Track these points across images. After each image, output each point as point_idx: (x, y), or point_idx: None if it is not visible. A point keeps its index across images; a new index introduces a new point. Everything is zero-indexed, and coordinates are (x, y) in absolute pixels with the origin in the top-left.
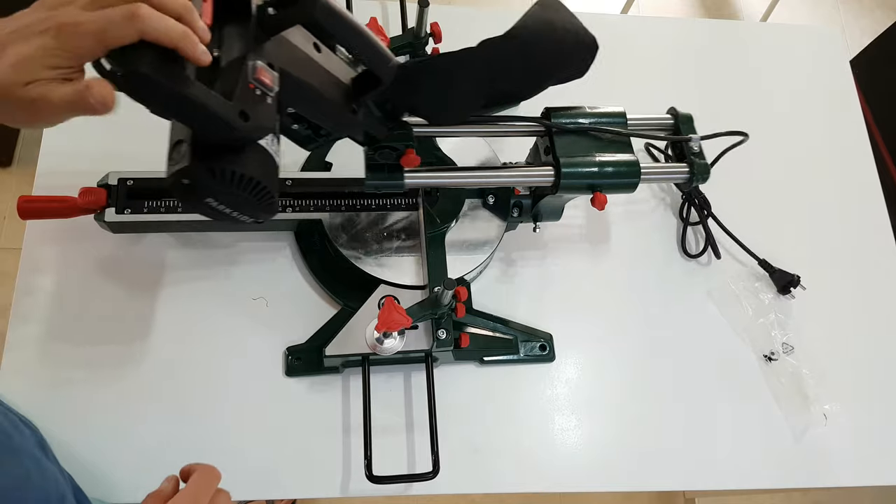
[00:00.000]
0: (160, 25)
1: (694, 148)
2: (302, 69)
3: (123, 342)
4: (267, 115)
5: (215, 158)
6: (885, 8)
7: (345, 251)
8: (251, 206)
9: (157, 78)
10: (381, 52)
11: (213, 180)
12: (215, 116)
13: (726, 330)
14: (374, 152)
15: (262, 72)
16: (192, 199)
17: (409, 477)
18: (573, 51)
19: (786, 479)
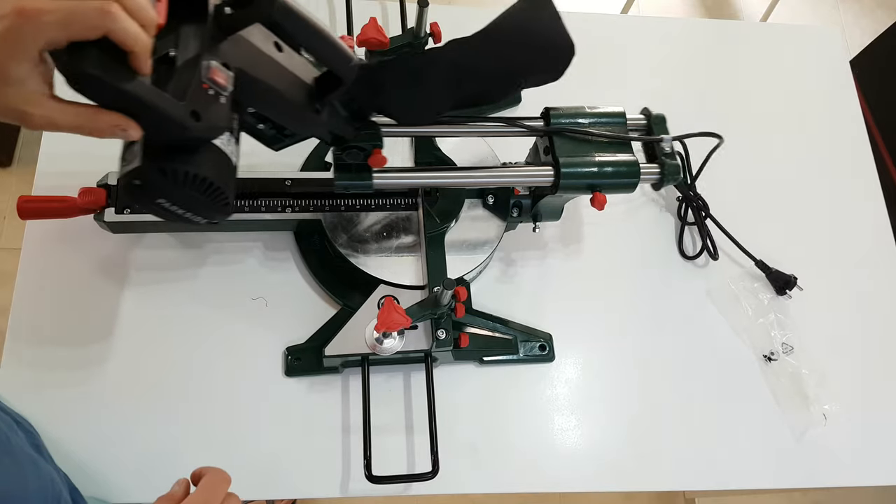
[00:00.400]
0: (129, 28)
1: (665, 148)
2: (260, 69)
3: (123, 342)
4: (220, 114)
5: (167, 159)
6: (885, 8)
7: (344, 251)
8: (205, 207)
9: (108, 79)
10: (342, 52)
11: (165, 181)
12: (165, 116)
13: (726, 330)
14: (341, 152)
15: (215, 71)
16: (143, 199)
17: (408, 477)
18: (547, 54)
19: (786, 480)
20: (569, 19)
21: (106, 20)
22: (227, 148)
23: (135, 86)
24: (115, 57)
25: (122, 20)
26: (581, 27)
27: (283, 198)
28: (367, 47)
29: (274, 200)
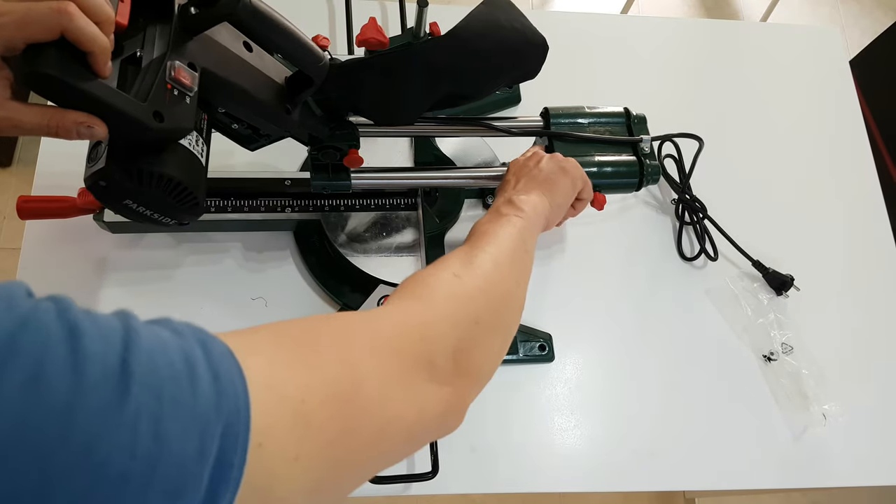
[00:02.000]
0: (86, 27)
1: (645, 149)
2: (228, 69)
3: None
4: (184, 115)
5: (132, 159)
6: (885, 8)
7: (344, 251)
8: (172, 208)
9: (66, 79)
10: (311, 51)
11: (130, 181)
12: (126, 117)
13: (725, 330)
14: (317, 152)
15: (180, 71)
16: (110, 200)
17: (408, 477)
18: (522, 51)
19: (786, 479)
20: (569, 19)
21: (62, 20)
22: (194, 148)
23: (93, 86)
24: (74, 57)
25: (79, 19)
26: (581, 27)
27: (282, 198)
28: (367, 47)
29: (273, 200)
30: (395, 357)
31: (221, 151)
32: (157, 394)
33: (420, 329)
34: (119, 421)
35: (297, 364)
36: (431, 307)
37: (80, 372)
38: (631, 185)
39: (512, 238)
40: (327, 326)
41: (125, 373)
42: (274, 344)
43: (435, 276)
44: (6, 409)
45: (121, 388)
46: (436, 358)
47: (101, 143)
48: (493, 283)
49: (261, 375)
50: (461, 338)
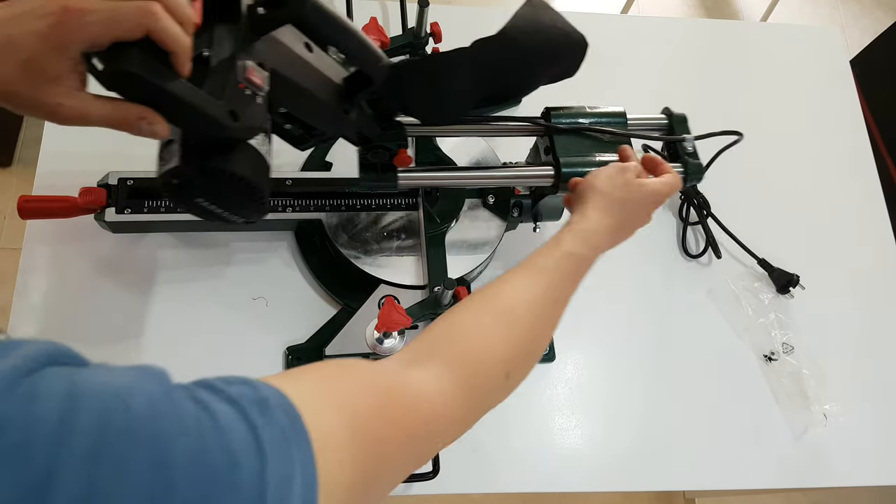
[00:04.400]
0: (170, 28)
1: (688, 148)
2: (292, 69)
3: (123, 342)
4: (257, 114)
5: (205, 158)
6: (885, 8)
7: (345, 251)
8: (242, 206)
9: (150, 78)
10: (373, 52)
11: (204, 180)
12: (205, 116)
13: (726, 330)
14: (367, 152)
15: (251, 71)
16: (182, 199)
17: (409, 477)
18: (563, 49)
19: (786, 479)
20: (569, 19)
21: (148, 20)
22: (261, 147)
23: (176, 85)
24: (157, 57)
25: (164, 20)
26: (581, 27)
27: (283, 198)
28: None
29: (274, 200)
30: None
31: None
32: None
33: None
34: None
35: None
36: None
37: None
38: None
39: (565, 285)
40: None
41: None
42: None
43: (466, 336)
44: None
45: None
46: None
47: (173, 142)
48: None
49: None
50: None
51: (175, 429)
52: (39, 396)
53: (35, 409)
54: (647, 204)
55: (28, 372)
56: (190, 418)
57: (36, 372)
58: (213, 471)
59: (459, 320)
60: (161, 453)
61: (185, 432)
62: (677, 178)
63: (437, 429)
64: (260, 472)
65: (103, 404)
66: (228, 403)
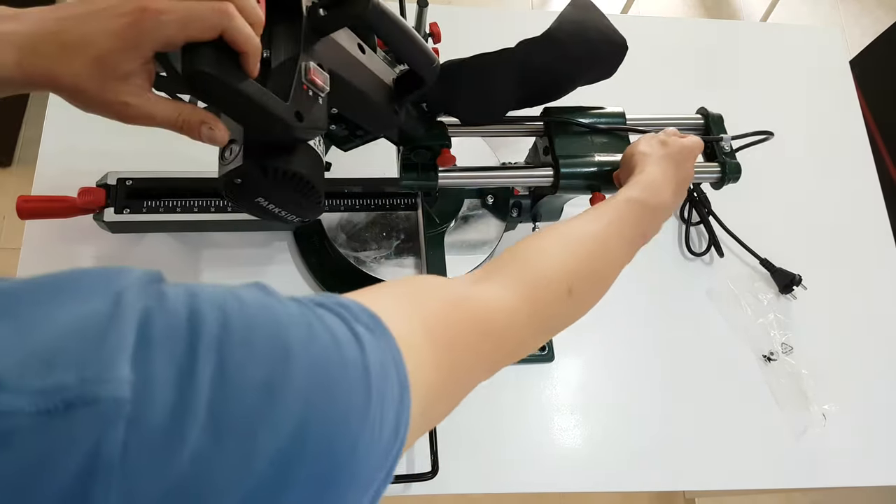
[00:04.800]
0: (243, 28)
1: (725, 147)
2: (348, 70)
3: None
4: (320, 115)
5: (267, 158)
6: (886, 8)
7: (344, 251)
8: (299, 205)
9: (224, 79)
10: (427, 53)
11: (265, 179)
12: (273, 117)
13: (725, 330)
14: (409, 152)
15: (314, 72)
16: (242, 198)
17: (408, 477)
18: (605, 52)
19: (786, 479)
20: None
21: (223, 20)
22: (318, 147)
23: (248, 86)
24: (229, 57)
25: (238, 20)
26: None
27: None
28: None
29: None
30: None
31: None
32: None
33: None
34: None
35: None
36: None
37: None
38: None
39: (628, 225)
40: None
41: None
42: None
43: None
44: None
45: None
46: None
47: (235, 143)
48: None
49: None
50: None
51: (284, 317)
52: (168, 296)
53: (167, 305)
54: (686, 156)
55: (151, 281)
56: (294, 310)
57: (157, 282)
58: (325, 348)
59: (524, 245)
60: (278, 332)
61: (293, 322)
62: (699, 139)
63: (506, 336)
64: (362, 354)
65: (221, 299)
66: (320, 307)
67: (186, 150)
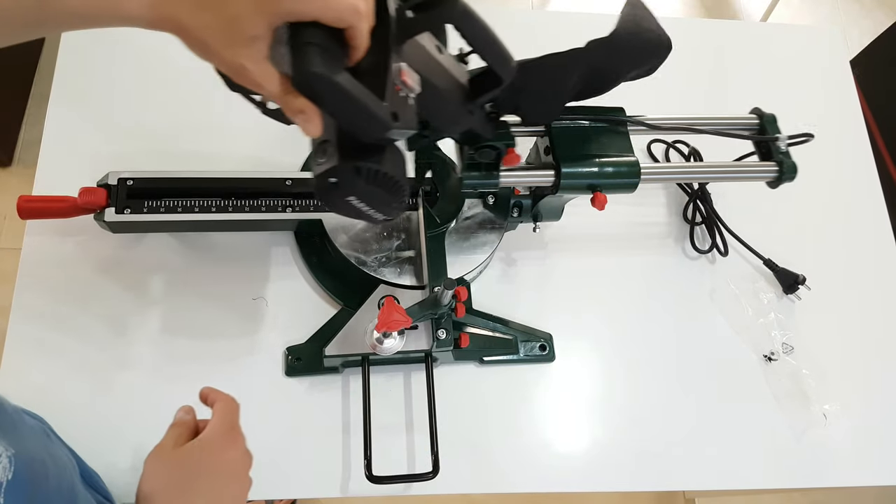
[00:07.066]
0: (365, 30)
1: (781, 147)
2: (429, 71)
3: (123, 342)
4: (411, 115)
5: (361, 158)
6: (885, 8)
7: (345, 251)
8: (386, 204)
9: (335, 80)
10: (507, 53)
11: (358, 179)
12: (373, 117)
13: (726, 330)
14: (474, 151)
15: (405, 73)
16: (335, 197)
17: (408, 477)
18: (654, 51)
19: (786, 479)
20: (569, 19)
21: (354, 18)
22: (403, 147)
23: (353, 86)
24: (336, 57)
25: (365, 22)
26: (581, 27)
27: (283, 198)
28: None
29: (274, 200)
30: None
31: (220, 152)
32: None
33: None
34: None
35: None
36: None
37: None
38: (632, 185)
39: None
40: None
41: None
42: None
43: None
44: None
45: None
46: None
47: (328, 143)
48: None
49: None
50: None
51: None
52: None
53: None
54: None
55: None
56: None
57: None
58: None
59: None
60: None
61: None
62: (231, 401)
63: None
64: None
65: None
66: None
67: (187, 150)
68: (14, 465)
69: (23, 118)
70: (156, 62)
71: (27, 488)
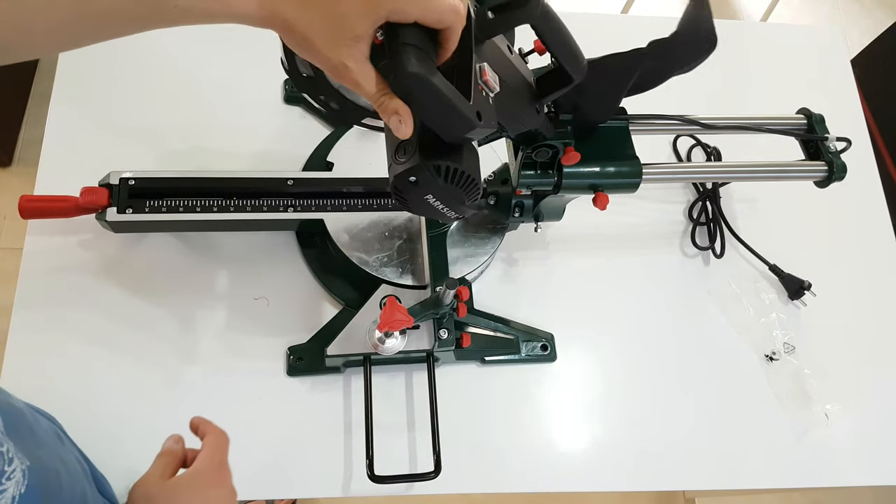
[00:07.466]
0: (460, 31)
1: (831, 147)
2: (504, 70)
3: (124, 342)
4: (492, 114)
5: (441, 157)
6: (885, 8)
7: (346, 251)
8: (461, 202)
9: (431, 80)
10: (579, 52)
11: (437, 177)
12: (461, 116)
13: (727, 330)
14: (531, 151)
15: (487, 73)
16: (415, 196)
17: (410, 477)
18: (705, 51)
19: (786, 479)
20: (569, 19)
21: (455, 20)
22: (476, 147)
23: (446, 86)
24: (429, 58)
25: (461, 23)
26: (581, 27)
27: (284, 198)
28: None
29: (276, 200)
30: None
31: (221, 152)
32: None
33: None
34: None
35: None
36: None
37: None
38: (633, 185)
39: None
40: None
41: None
42: None
43: None
44: None
45: None
46: None
47: (406, 142)
48: None
49: None
50: None
51: None
52: None
53: None
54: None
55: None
56: None
57: None
58: None
59: None
60: None
61: None
62: (222, 436)
63: None
64: None
65: None
66: None
67: (189, 150)
68: (27, 478)
69: (23, 118)
70: (157, 62)
71: (40, 502)
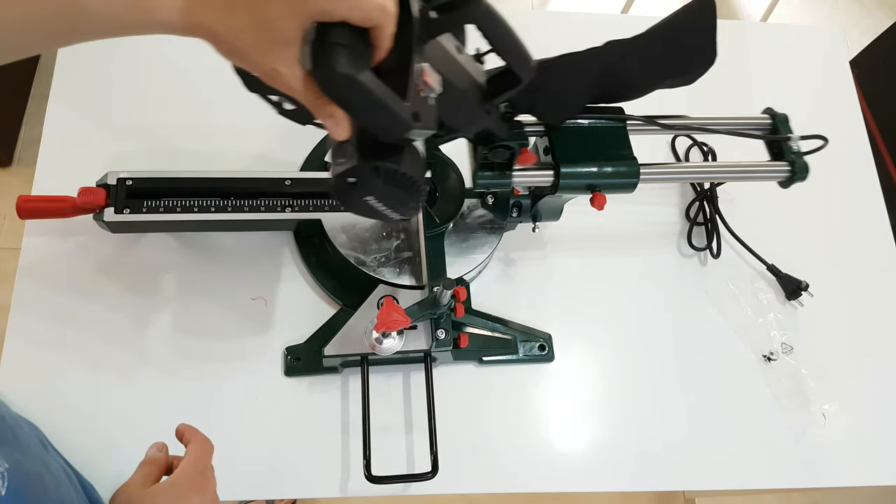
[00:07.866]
0: (391, 30)
1: (793, 147)
2: (450, 71)
3: (122, 342)
4: (432, 115)
5: (380, 158)
6: (885, 8)
7: (344, 251)
8: (403, 203)
9: (361, 80)
10: (527, 53)
11: (377, 179)
12: (395, 117)
13: (725, 330)
14: (488, 151)
15: (427, 74)
16: (353, 197)
17: (408, 477)
18: (689, 61)
19: (785, 479)
20: (569, 19)
21: (383, 18)
22: (420, 147)
23: (376, 85)
24: (361, 57)
25: (392, 23)
26: (581, 27)
27: (282, 198)
28: None
29: (274, 200)
30: None
31: (219, 152)
32: None
33: None
34: None
35: None
36: None
37: None
38: (631, 185)
39: None
40: None
41: None
42: None
43: None
44: None
45: None
46: None
47: (347, 143)
48: None
49: None
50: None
51: None
52: None
53: None
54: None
55: None
56: None
57: None
58: None
59: None
60: None
61: None
62: (206, 443)
63: None
64: None
65: None
66: None
67: (187, 150)
68: (7, 480)
69: (23, 118)
70: (155, 62)
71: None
